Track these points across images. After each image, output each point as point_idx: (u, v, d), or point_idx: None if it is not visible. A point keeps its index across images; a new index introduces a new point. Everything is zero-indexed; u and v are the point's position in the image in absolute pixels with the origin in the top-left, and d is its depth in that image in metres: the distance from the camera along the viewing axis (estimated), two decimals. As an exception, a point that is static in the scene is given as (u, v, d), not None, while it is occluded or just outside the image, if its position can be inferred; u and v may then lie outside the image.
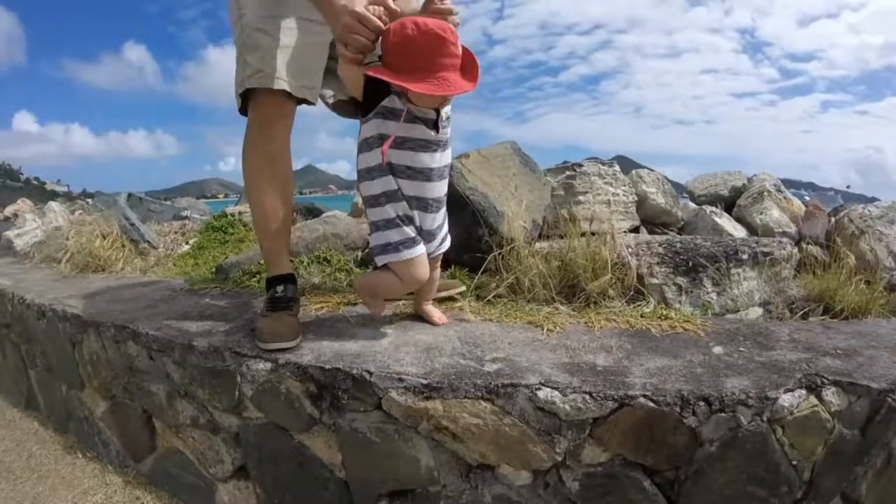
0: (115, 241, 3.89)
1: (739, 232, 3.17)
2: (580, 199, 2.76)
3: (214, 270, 3.21)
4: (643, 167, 3.38)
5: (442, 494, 1.77)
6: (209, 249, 3.97)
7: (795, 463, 1.60)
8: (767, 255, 2.40)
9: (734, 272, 2.34)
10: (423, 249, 1.95)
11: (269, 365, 1.92)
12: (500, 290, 2.44)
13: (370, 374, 1.75)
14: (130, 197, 5.21)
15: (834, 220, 3.07)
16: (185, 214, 5.75)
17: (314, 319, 2.27)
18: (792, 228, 3.15)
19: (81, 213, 4.41)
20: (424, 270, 1.95)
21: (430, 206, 1.94)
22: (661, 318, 2.14)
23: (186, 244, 4.22)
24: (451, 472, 1.75)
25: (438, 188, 1.97)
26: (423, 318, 2.21)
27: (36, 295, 3.06)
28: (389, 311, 2.32)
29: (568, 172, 2.96)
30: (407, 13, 1.77)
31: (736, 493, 1.61)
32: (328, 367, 1.81)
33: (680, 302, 2.32)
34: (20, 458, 2.80)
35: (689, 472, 1.60)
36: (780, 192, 3.37)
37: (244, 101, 2.17)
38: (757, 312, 2.36)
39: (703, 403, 1.55)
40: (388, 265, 1.94)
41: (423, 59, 1.67)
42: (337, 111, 2.57)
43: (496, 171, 2.86)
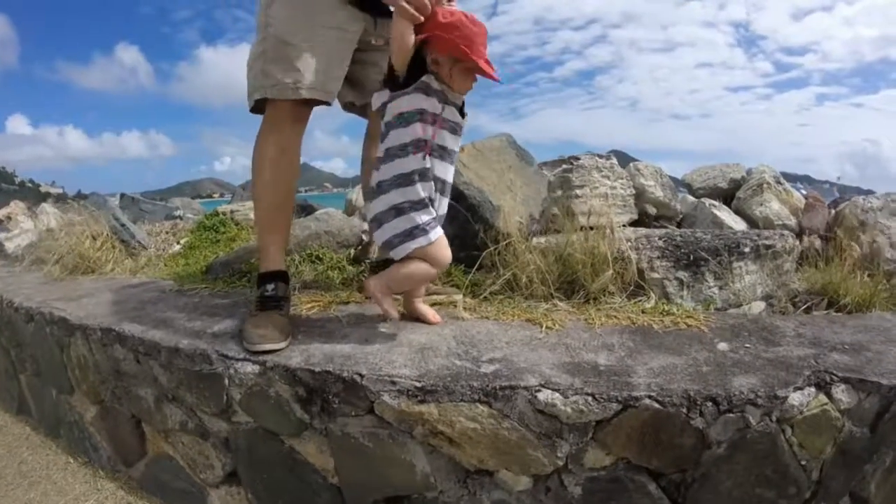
0: (104, 242, 3.79)
1: (739, 225, 3.11)
2: (577, 192, 2.69)
3: (204, 270, 3.12)
4: (639, 162, 3.32)
5: (439, 501, 1.68)
6: (200, 249, 3.88)
7: (804, 463, 1.54)
8: (769, 247, 2.33)
9: (736, 266, 2.26)
10: (441, 231, 1.91)
11: (257, 368, 1.82)
12: (496, 286, 2.36)
13: (361, 376, 1.66)
14: (123, 197, 5.12)
15: (834, 212, 3.00)
16: (177, 214, 5.67)
17: (304, 319, 2.18)
18: (792, 221, 3.09)
19: (73, 214, 4.32)
20: (448, 252, 1.92)
21: (446, 189, 1.94)
22: (662, 313, 2.07)
23: (178, 244, 4.14)
24: (447, 477, 1.67)
25: (453, 172, 1.98)
26: (416, 317, 2.12)
27: (24, 298, 2.96)
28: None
29: (564, 166, 2.89)
30: None
31: (744, 495, 1.54)
32: (318, 369, 1.72)
33: (681, 297, 2.24)
34: (12, 463, 2.72)
35: (695, 474, 1.53)
36: (779, 184, 3.31)
37: (261, 100, 2.18)
38: (760, 306, 2.29)
39: (710, 404, 1.48)
40: (410, 255, 1.87)
41: (472, 42, 1.76)
42: (346, 109, 2.63)
43: (491, 164, 2.80)
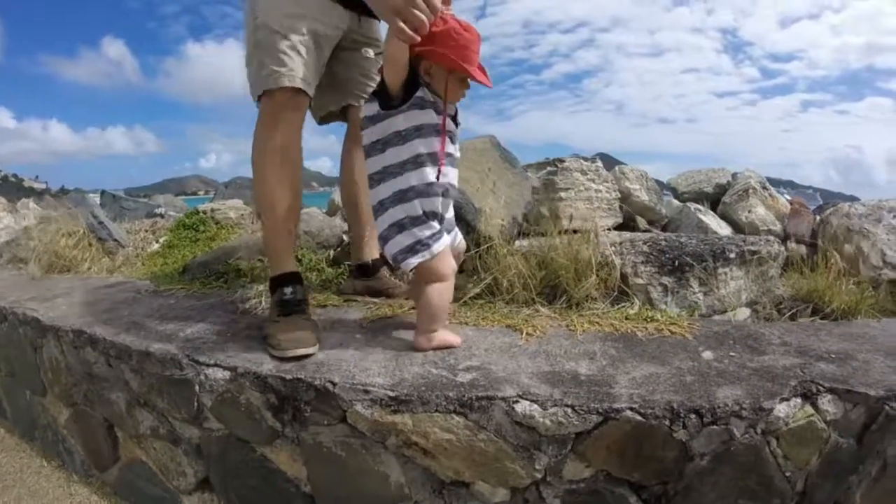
0: (81, 239, 3.70)
1: (724, 230, 3.08)
2: (562, 195, 2.64)
3: (181, 270, 3.06)
4: (626, 165, 3.29)
5: (414, 512, 1.62)
6: (179, 248, 3.80)
7: (789, 474, 1.49)
8: (755, 253, 2.29)
9: (721, 271, 2.22)
10: (448, 240, 1.85)
11: (227, 374, 1.75)
12: (476, 291, 2.29)
13: (334, 384, 1.58)
14: (104, 194, 5.05)
15: (819, 218, 2.97)
16: (158, 212, 5.59)
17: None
18: (777, 226, 3.07)
19: (50, 210, 4.24)
20: (452, 263, 1.86)
21: (450, 192, 1.86)
22: (646, 320, 2.00)
23: (157, 243, 4.06)
24: (423, 488, 1.60)
25: (457, 175, 1.92)
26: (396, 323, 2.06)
27: (-2, 297, 2.88)
28: (360, 314, 2.17)
29: (549, 168, 2.84)
30: None
31: None
32: (289, 376, 1.65)
33: (666, 303, 2.19)
34: (-14, 467, 2.65)
35: (678, 487, 1.47)
36: (765, 189, 3.29)
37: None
38: (745, 313, 2.25)
39: (694, 416, 1.41)
40: (419, 269, 1.81)
41: (467, 51, 1.71)
42: (322, 122, 2.53)
43: (474, 166, 2.74)
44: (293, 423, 1.68)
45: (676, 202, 3.59)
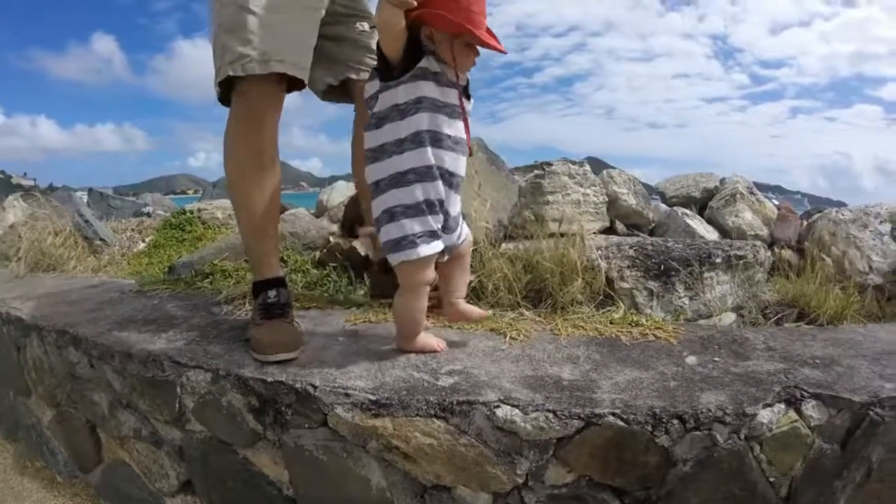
0: (67, 238, 3.66)
1: (711, 234, 3.07)
2: (549, 199, 2.62)
3: (167, 270, 3.02)
4: (615, 169, 3.27)
5: (396, 516, 1.59)
6: (165, 248, 3.77)
7: (773, 480, 1.47)
8: (741, 258, 2.28)
9: (707, 276, 2.21)
10: (440, 247, 1.65)
11: (209, 376, 1.72)
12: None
13: (315, 387, 1.55)
14: (91, 192, 5.03)
15: (806, 223, 2.97)
16: (146, 211, 5.56)
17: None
18: (764, 231, 3.06)
19: (37, 208, 4.20)
20: (431, 274, 1.69)
21: (459, 185, 1.71)
22: (631, 324, 1.97)
23: (143, 242, 4.04)
24: (404, 492, 1.57)
25: (465, 165, 1.74)
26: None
27: (-17, 296, 2.85)
28: (343, 317, 2.13)
29: (537, 172, 2.83)
30: None
31: None
32: (270, 379, 1.62)
33: (651, 307, 2.17)
34: (-31, 467, 2.62)
35: (660, 492, 1.45)
36: (752, 194, 3.28)
37: (227, 89, 1.91)
38: (730, 317, 2.23)
39: (676, 421, 1.39)
40: (397, 269, 1.67)
41: (470, 13, 1.55)
42: (326, 97, 2.32)
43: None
44: (275, 425, 1.65)
45: (664, 206, 3.58)
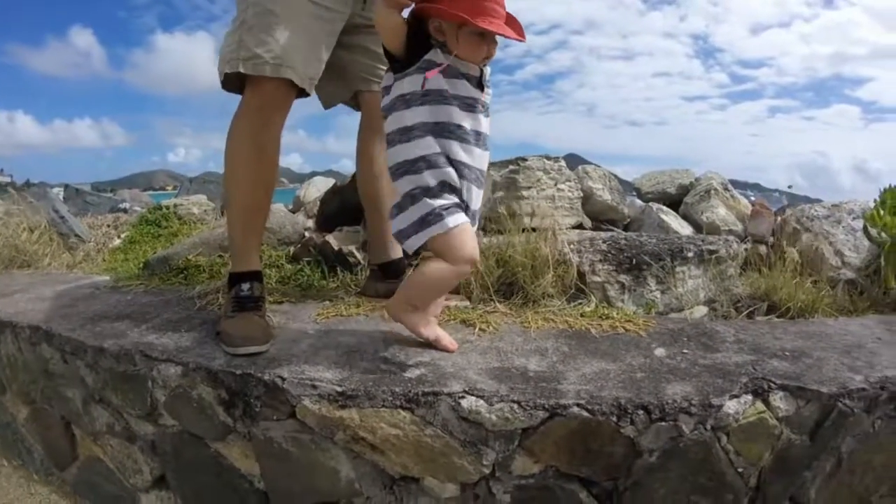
0: (42, 234, 3.63)
1: (685, 229, 3.08)
2: (523, 194, 2.61)
3: (142, 266, 2.99)
4: (590, 165, 3.27)
5: (366, 507, 1.58)
6: (141, 244, 3.74)
7: (741, 470, 1.47)
8: (713, 252, 2.28)
9: (679, 270, 2.21)
10: (466, 219, 1.63)
11: (179, 369, 1.71)
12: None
13: (283, 379, 1.54)
14: (67, 188, 4.99)
15: (780, 219, 2.97)
16: (122, 207, 5.53)
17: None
18: (738, 227, 3.07)
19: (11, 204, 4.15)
20: (471, 247, 1.63)
21: (472, 176, 1.66)
22: (602, 317, 1.97)
23: (118, 238, 4.00)
24: (373, 483, 1.56)
25: (485, 158, 1.71)
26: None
27: (-46, 293, 2.81)
28: (314, 310, 2.12)
29: (511, 167, 2.82)
30: None
31: (679, 502, 1.46)
32: (239, 371, 1.60)
33: (623, 300, 2.17)
34: (-55, 466, 2.59)
35: (627, 483, 1.45)
36: (727, 190, 3.30)
37: (240, 80, 1.93)
38: (702, 311, 2.24)
39: (641, 412, 1.39)
40: (432, 246, 1.62)
41: (473, 1, 1.53)
42: (332, 106, 2.38)
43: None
44: (244, 418, 1.63)
45: (640, 202, 3.59)
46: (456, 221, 1.59)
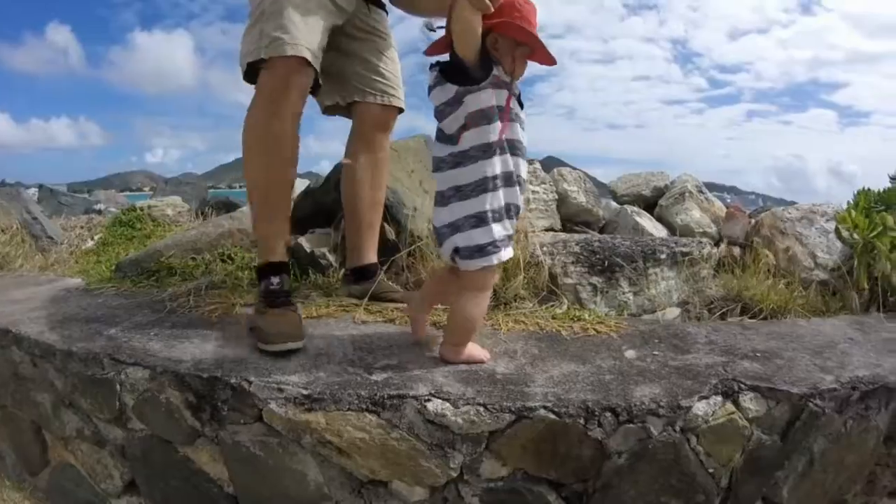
0: (14, 236, 3.57)
1: (660, 231, 3.08)
2: (497, 196, 2.60)
3: (114, 268, 2.94)
4: (566, 167, 3.26)
5: (335, 511, 1.56)
6: (114, 245, 3.69)
7: (712, 471, 1.46)
8: (686, 254, 2.29)
9: (651, 272, 2.21)
10: (511, 252, 1.64)
11: (147, 373, 1.67)
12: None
13: (249, 383, 1.51)
14: (42, 188, 4.93)
15: (755, 221, 2.98)
16: (96, 208, 5.47)
17: (203, 321, 2.03)
18: (713, 229, 3.08)
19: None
20: (496, 277, 1.67)
21: (524, 185, 1.65)
22: (573, 319, 1.96)
23: (91, 240, 3.96)
24: (342, 487, 1.53)
25: (526, 167, 1.69)
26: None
27: (-75, 295, 2.76)
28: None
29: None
30: None
31: (649, 503, 1.46)
32: (206, 375, 1.57)
33: (595, 302, 2.16)
34: (-84, 473, 2.52)
35: (597, 484, 1.44)
36: (701, 193, 3.31)
37: (255, 71, 1.89)
38: (675, 312, 2.23)
39: (609, 414, 1.38)
40: (471, 273, 1.58)
41: (532, 25, 1.53)
42: (328, 112, 2.34)
43: (407, 166, 2.68)
44: (212, 422, 1.60)
45: (615, 204, 3.58)
46: (507, 255, 1.58)
